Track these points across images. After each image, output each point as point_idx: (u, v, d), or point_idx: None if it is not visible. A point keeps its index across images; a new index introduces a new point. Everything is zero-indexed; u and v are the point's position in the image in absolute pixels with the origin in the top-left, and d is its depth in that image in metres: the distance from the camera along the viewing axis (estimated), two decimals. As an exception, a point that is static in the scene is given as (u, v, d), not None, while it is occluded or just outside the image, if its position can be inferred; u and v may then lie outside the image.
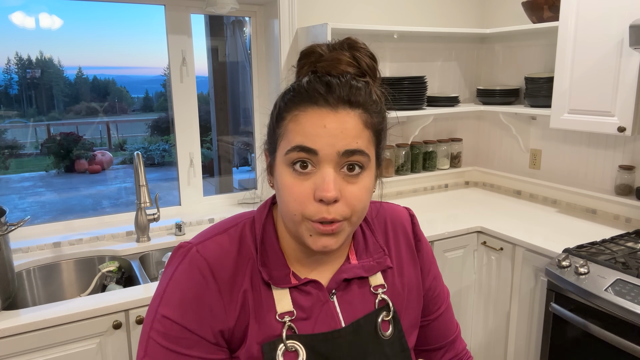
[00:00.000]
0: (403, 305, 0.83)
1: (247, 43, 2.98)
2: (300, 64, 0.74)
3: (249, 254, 0.74)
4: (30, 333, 1.39)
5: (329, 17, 2.38)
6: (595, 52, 1.95)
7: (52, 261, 1.87)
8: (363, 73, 0.72)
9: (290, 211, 0.68)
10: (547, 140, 2.54)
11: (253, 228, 0.77)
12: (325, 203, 0.66)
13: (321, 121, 0.66)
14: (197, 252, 0.72)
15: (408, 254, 0.86)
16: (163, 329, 0.69)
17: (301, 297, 0.74)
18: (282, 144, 0.69)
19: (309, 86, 0.68)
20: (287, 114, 0.69)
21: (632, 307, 1.49)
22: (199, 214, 2.28)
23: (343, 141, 0.66)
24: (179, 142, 2.30)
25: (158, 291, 0.73)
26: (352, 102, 0.68)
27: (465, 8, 2.79)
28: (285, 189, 0.68)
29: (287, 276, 0.74)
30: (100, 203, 5.40)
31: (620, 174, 2.18)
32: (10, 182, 5.63)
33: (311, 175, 0.67)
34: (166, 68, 2.30)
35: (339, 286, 0.78)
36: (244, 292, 0.72)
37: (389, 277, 0.82)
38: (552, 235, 2.03)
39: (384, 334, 0.78)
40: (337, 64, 0.70)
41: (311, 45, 0.73)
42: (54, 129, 5.95)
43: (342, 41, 0.73)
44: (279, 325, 0.72)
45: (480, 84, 2.86)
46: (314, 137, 0.66)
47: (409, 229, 0.89)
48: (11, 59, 5.00)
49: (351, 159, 0.67)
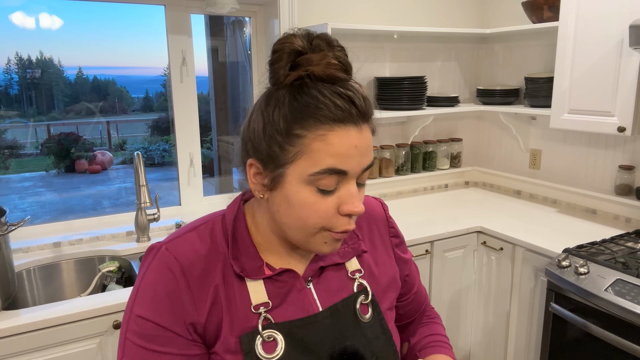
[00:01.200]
0: (380, 289, 0.84)
1: (247, 43, 2.98)
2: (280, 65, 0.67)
3: (219, 249, 0.74)
4: (30, 333, 1.39)
5: (329, 17, 2.38)
6: (595, 52, 1.95)
7: (52, 261, 1.87)
8: (347, 72, 0.69)
9: (310, 225, 0.69)
10: (547, 140, 2.54)
11: (224, 224, 0.77)
12: (354, 216, 0.69)
13: (351, 141, 0.66)
14: (166, 250, 0.73)
15: (381, 242, 0.89)
16: (138, 329, 0.70)
17: (276, 287, 0.75)
18: (302, 163, 0.66)
19: (328, 101, 0.65)
20: (305, 131, 0.65)
21: (632, 307, 1.49)
22: (199, 214, 2.27)
23: (367, 157, 0.68)
24: (179, 142, 2.30)
25: (132, 292, 0.74)
26: (368, 114, 0.68)
27: (465, 8, 2.79)
28: (307, 207, 0.68)
29: (261, 268, 0.75)
30: (100, 203, 5.40)
31: (620, 174, 2.18)
32: (10, 182, 5.63)
33: (335, 192, 0.68)
34: (166, 68, 2.30)
35: (314, 274, 0.79)
36: (215, 287, 0.72)
37: (364, 262, 0.84)
38: (552, 235, 2.03)
39: (363, 317, 0.79)
40: (328, 67, 0.67)
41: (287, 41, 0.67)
42: (54, 129, 5.95)
43: (317, 37, 0.68)
44: (254, 316, 0.72)
45: (480, 84, 2.86)
46: (346, 159, 0.66)
47: (382, 218, 0.91)
48: (11, 59, 5.00)
49: (366, 172, 0.70)
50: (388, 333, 0.81)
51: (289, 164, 0.67)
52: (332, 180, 0.67)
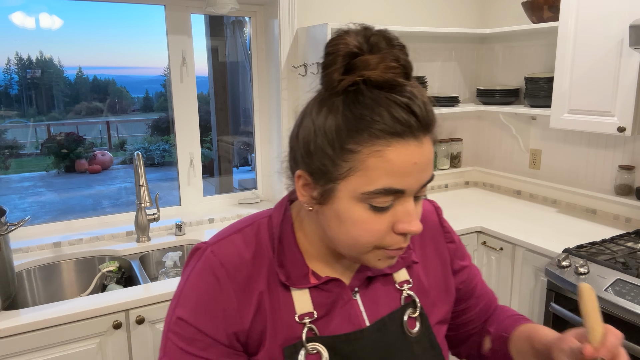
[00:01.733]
0: (430, 301, 0.80)
1: (247, 43, 2.98)
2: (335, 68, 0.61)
3: (265, 254, 0.72)
4: (30, 333, 1.39)
5: (329, 17, 2.38)
6: (595, 52, 1.95)
7: (52, 261, 1.87)
8: (407, 75, 0.62)
9: (362, 243, 0.64)
10: (547, 140, 2.54)
11: (270, 227, 0.74)
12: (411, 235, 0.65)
13: (410, 158, 0.59)
14: (211, 253, 0.71)
15: (434, 249, 0.83)
16: (179, 330, 0.69)
17: (322, 297, 0.72)
18: (356, 180, 0.61)
19: (385, 112, 0.59)
20: (360, 146, 0.59)
21: (632, 307, 1.49)
22: (199, 214, 2.28)
23: (426, 173, 0.62)
24: (179, 142, 2.30)
25: (176, 292, 0.73)
26: (429, 125, 0.61)
27: (465, 8, 2.79)
28: (359, 225, 0.63)
29: (306, 276, 0.71)
30: (100, 203, 5.40)
31: (620, 174, 2.18)
32: (10, 182, 5.63)
33: (390, 209, 0.63)
34: (166, 68, 2.30)
35: (361, 284, 0.75)
36: (260, 293, 0.70)
37: (414, 272, 0.80)
38: (552, 235, 2.03)
39: (410, 331, 0.75)
40: (386, 72, 0.59)
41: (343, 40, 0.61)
42: (54, 129, 5.95)
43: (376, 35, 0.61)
44: (299, 326, 0.70)
45: (480, 84, 2.86)
46: (404, 177, 0.60)
47: (434, 222, 0.85)
48: (11, 59, 5.00)
49: (424, 187, 0.64)
50: (437, 348, 0.77)
51: (340, 180, 0.62)
52: (388, 198, 0.61)
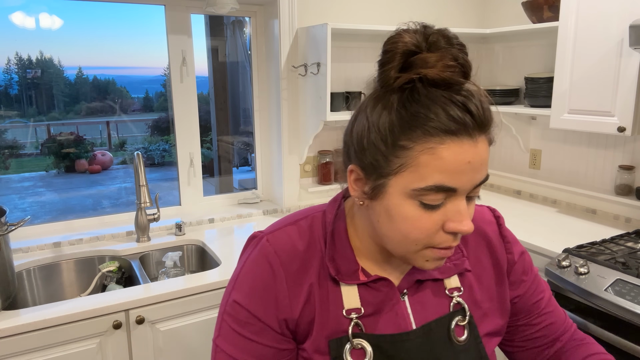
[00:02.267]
0: (481, 312, 0.78)
1: (247, 43, 2.98)
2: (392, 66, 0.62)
3: (317, 247, 0.73)
4: (30, 333, 1.39)
5: (329, 17, 2.38)
6: (595, 52, 1.95)
7: (52, 261, 1.87)
8: (466, 75, 0.62)
9: (411, 241, 0.64)
10: (547, 140, 2.54)
11: (323, 222, 0.75)
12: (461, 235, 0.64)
13: (464, 156, 0.59)
14: (267, 242, 0.73)
15: (490, 259, 0.81)
16: (233, 313, 0.72)
17: (370, 294, 0.72)
18: (407, 176, 0.61)
19: (440, 110, 0.59)
20: (413, 143, 0.60)
21: (632, 307, 1.49)
22: (199, 214, 2.28)
23: (480, 173, 0.62)
24: (179, 142, 2.30)
25: (232, 276, 0.76)
26: (486, 125, 0.61)
27: (465, 8, 2.79)
28: (409, 221, 0.63)
29: (356, 272, 0.72)
30: (100, 203, 5.40)
31: (620, 174, 2.18)
32: (10, 182, 5.63)
33: (441, 207, 0.62)
34: (166, 68, 2.30)
35: (410, 286, 0.75)
36: (310, 285, 0.72)
37: (466, 281, 0.78)
38: (552, 235, 2.03)
39: (457, 339, 0.74)
40: (443, 71, 0.60)
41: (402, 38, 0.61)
42: (54, 129, 5.95)
43: (435, 34, 0.61)
44: (346, 321, 0.71)
45: (480, 84, 2.85)
46: (457, 175, 0.60)
47: (493, 232, 0.82)
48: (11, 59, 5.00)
49: (478, 187, 0.64)
50: (485, 359, 0.75)
51: (392, 176, 0.62)
52: (439, 196, 0.61)
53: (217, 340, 0.74)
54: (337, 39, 2.29)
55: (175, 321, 1.61)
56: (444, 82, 0.60)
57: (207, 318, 1.66)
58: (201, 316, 1.65)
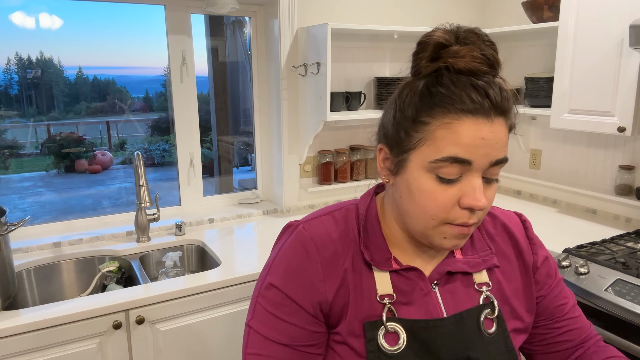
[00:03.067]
0: (508, 308, 0.80)
1: (247, 43, 2.98)
2: (424, 55, 0.68)
3: (351, 236, 0.77)
4: (30, 333, 1.39)
5: (329, 17, 2.38)
6: (595, 52, 1.95)
7: (52, 261, 1.87)
8: (495, 68, 0.68)
9: (429, 215, 0.68)
10: (547, 140, 2.54)
11: (357, 212, 0.79)
12: (475, 210, 0.67)
13: (479, 132, 0.64)
14: (303, 229, 0.77)
15: (518, 260, 0.84)
16: (268, 295, 0.74)
17: (402, 282, 0.75)
18: (425, 150, 0.66)
19: (460, 92, 0.64)
20: (431, 119, 0.65)
21: (632, 307, 1.49)
22: (199, 214, 2.28)
23: (496, 151, 0.65)
24: (179, 142, 2.30)
25: (267, 262, 0.78)
26: (504, 109, 0.66)
27: (465, 8, 2.79)
28: (425, 194, 0.67)
29: (389, 260, 0.75)
30: (100, 203, 5.40)
31: (620, 174, 2.18)
32: (10, 182, 5.63)
33: (457, 183, 0.66)
34: (166, 68, 2.30)
35: (441, 278, 0.77)
36: (345, 270, 0.74)
37: (494, 277, 0.81)
38: (552, 235, 2.03)
39: (487, 331, 0.76)
40: (472, 61, 0.65)
41: (433, 34, 0.68)
42: (54, 129, 5.95)
43: (466, 31, 0.67)
44: (379, 306, 0.73)
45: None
46: (471, 148, 0.64)
47: (520, 234, 0.87)
48: (11, 59, 5.00)
49: (496, 167, 0.67)
50: (513, 352, 0.77)
51: (412, 150, 0.68)
52: (454, 169, 0.65)
53: (250, 322, 0.76)
54: (337, 39, 2.29)
55: (175, 321, 1.61)
56: (468, 71, 0.66)
57: (207, 318, 1.66)
58: (201, 316, 1.65)
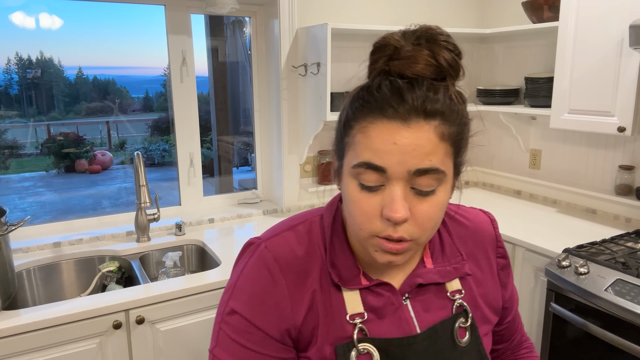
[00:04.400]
0: (480, 313, 0.80)
1: (247, 43, 2.98)
2: (374, 58, 0.65)
3: (317, 252, 0.73)
4: (30, 333, 1.39)
5: (329, 17, 2.38)
6: (595, 52, 1.95)
7: (52, 261, 1.87)
8: (443, 72, 0.63)
9: (357, 224, 0.65)
10: (547, 140, 2.54)
11: (322, 226, 0.75)
12: (393, 223, 0.62)
13: (391, 137, 0.60)
14: (265, 249, 0.72)
15: (487, 263, 0.83)
16: (231, 322, 0.71)
17: (372, 299, 0.72)
18: (350, 155, 0.65)
19: (378, 94, 0.62)
20: (355, 123, 0.64)
21: (632, 307, 1.49)
22: (199, 214, 2.28)
23: (415, 159, 0.60)
24: (179, 142, 2.30)
25: (229, 284, 0.74)
26: (428, 112, 0.61)
27: (465, 8, 2.79)
28: (352, 203, 0.65)
29: (357, 277, 0.72)
30: (100, 203, 5.40)
31: (620, 174, 2.18)
32: (10, 182, 5.63)
33: (379, 192, 0.63)
34: (166, 68, 2.30)
35: (412, 290, 0.75)
36: (313, 292, 0.71)
37: (466, 283, 0.79)
38: (552, 235, 2.03)
39: (460, 340, 0.75)
40: (412, 63, 0.61)
41: (386, 36, 0.65)
42: (54, 129, 5.95)
43: (419, 33, 0.63)
44: (350, 326, 0.71)
45: (480, 84, 2.86)
46: (383, 154, 0.60)
47: (489, 236, 0.84)
48: (11, 59, 5.00)
49: (423, 178, 0.61)
50: (485, 359, 0.77)
51: (345, 156, 0.66)
52: (372, 176, 0.62)
53: (214, 351, 0.72)
54: (337, 39, 2.29)
55: (175, 321, 1.61)
56: (407, 75, 0.62)
57: (207, 318, 1.66)
58: (201, 316, 1.65)
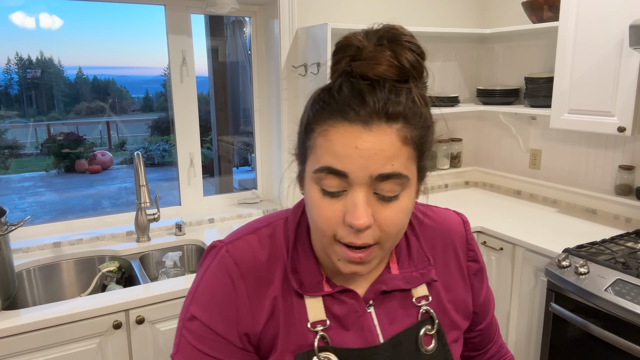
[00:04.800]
0: (448, 319, 0.77)
1: (247, 43, 2.98)
2: (336, 59, 0.64)
3: (279, 257, 0.71)
4: (30, 333, 1.39)
5: (329, 17, 2.38)
6: (595, 52, 1.95)
7: (52, 261, 1.87)
8: (405, 74, 0.61)
9: (320, 230, 0.63)
10: (547, 140, 2.54)
11: (286, 230, 0.73)
12: (356, 230, 0.60)
13: (352, 141, 0.58)
14: (226, 253, 0.70)
15: (457, 266, 0.80)
16: (192, 328, 0.69)
17: (335, 306, 0.70)
18: (311, 159, 0.63)
19: (339, 96, 0.60)
20: (316, 126, 0.62)
21: (632, 307, 1.49)
22: (199, 214, 2.28)
23: (377, 164, 0.58)
24: (179, 142, 2.30)
25: (191, 289, 0.72)
26: (390, 115, 0.59)
27: (465, 8, 2.79)
28: (314, 209, 0.63)
29: (320, 283, 0.70)
30: (100, 203, 5.40)
31: (620, 174, 2.18)
32: (10, 182, 5.63)
33: (342, 197, 0.61)
34: (166, 68, 2.30)
35: (376, 297, 0.72)
36: (274, 298, 0.69)
37: (433, 288, 0.76)
38: (552, 235, 2.03)
39: (425, 349, 0.72)
40: (374, 64, 0.60)
41: (348, 35, 0.63)
42: (54, 129, 5.95)
43: (382, 33, 0.61)
44: (311, 334, 0.69)
45: (480, 84, 2.86)
46: (344, 159, 0.59)
47: (460, 238, 0.81)
48: (11, 59, 5.00)
49: (386, 183, 0.60)
50: None
51: (306, 160, 0.64)
52: (334, 181, 0.60)
53: (175, 357, 0.70)
54: (337, 39, 2.29)
55: (175, 321, 1.61)
56: (368, 76, 0.60)
57: (207, 318, 1.65)
58: (201, 316, 1.65)
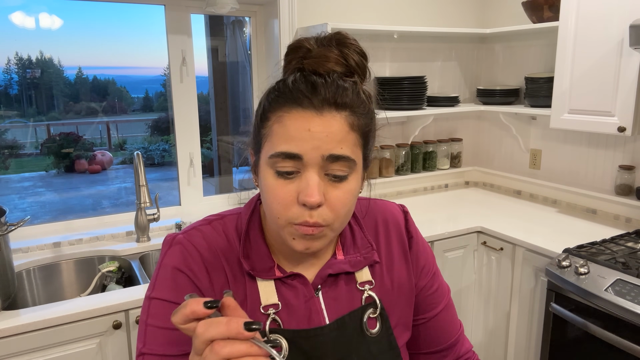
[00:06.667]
0: (392, 303, 0.81)
1: (247, 43, 2.98)
2: (288, 59, 0.72)
3: (232, 246, 0.75)
4: (30, 333, 1.39)
5: (329, 17, 2.38)
6: (595, 52, 1.95)
7: (52, 261, 1.87)
8: (351, 71, 0.70)
9: (274, 214, 0.68)
10: (547, 140, 2.54)
11: (238, 222, 0.78)
12: (309, 207, 0.66)
13: (305, 124, 0.64)
14: (183, 238, 0.74)
15: (400, 251, 0.85)
16: (156, 311, 0.71)
17: (286, 291, 0.75)
18: (267, 146, 0.68)
19: (293, 86, 0.66)
20: (271, 114, 0.68)
21: (632, 307, 1.49)
22: (199, 214, 2.28)
23: (328, 145, 0.65)
24: (179, 142, 2.30)
25: (151, 281, 0.75)
26: (338, 103, 0.66)
27: (465, 8, 2.79)
28: (269, 192, 0.67)
29: (272, 269, 0.75)
30: (100, 203, 5.39)
31: (620, 174, 2.18)
32: (10, 182, 5.63)
33: (295, 179, 0.66)
34: (166, 68, 2.30)
35: (324, 282, 0.77)
36: (228, 282, 0.73)
37: (377, 273, 0.81)
38: (552, 235, 2.03)
39: (370, 331, 0.77)
40: (324, 61, 0.68)
41: (299, 39, 0.71)
42: (54, 129, 5.95)
43: (330, 36, 0.70)
44: (263, 317, 0.73)
45: (480, 84, 2.86)
46: (298, 141, 0.64)
47: (401, 226, 0.86)
48: (11, 59, 5.00)
49: (336, 164, 0.66)
50: (396, 349, 0.78)
51: (262, 148, 0.69)
52: (289, 163, 0.65)
53: (143, 349, 0.70)
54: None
55: (175, 321, 1.61)
56: (318, 72, 0.68)
57: (207, 318, 1.65)
58: (201, 316, 1.65)
